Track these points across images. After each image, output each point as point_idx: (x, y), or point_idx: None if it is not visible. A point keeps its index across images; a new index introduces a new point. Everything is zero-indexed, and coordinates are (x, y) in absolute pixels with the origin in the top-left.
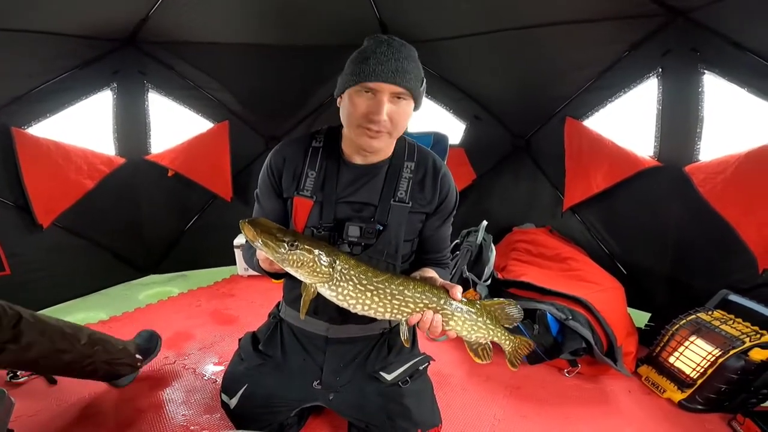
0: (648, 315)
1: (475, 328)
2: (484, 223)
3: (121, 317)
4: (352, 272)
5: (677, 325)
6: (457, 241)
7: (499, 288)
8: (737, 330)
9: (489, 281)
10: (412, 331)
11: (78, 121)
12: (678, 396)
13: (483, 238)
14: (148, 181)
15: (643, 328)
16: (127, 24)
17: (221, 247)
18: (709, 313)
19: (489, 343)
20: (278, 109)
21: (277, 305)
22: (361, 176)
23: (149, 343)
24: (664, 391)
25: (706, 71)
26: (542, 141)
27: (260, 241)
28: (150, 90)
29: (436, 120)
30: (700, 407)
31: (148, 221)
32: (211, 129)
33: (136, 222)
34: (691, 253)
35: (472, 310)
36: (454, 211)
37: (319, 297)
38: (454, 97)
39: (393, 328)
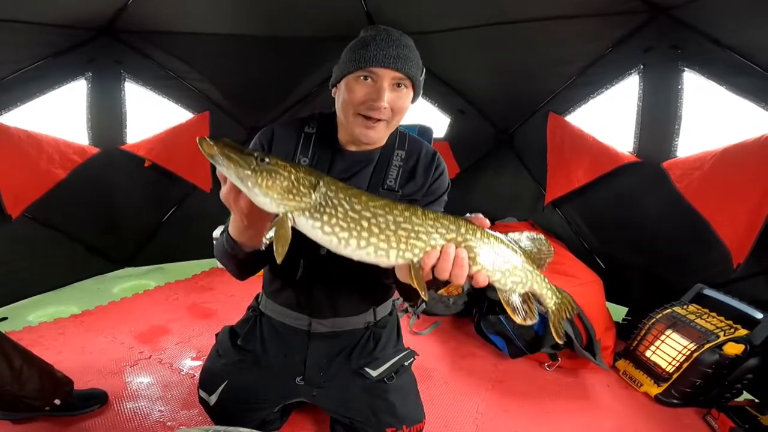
0: (625, 309)
1: (510, 268)
2: (468, 215)
3: (94, 311)
4: (341, 195)
5: (653, 319)
6: None
7: None
8: (712, 324)
9: None
10: (396, 324)
11: (51, 111)
12: (654, 390)
13: None
14: (123, 171)
15: (621, 321)
16: (105, 13)
17: (200, 239)
18: (685, 307)
19: (529, 292)
20: (261, 101)
21: (257, 298)
22: (353, 165)
23: (84, 402)
24: (641, 385)
25: (686, 68)
26: (525, 135)
27: (220, 155)
28: (127, 79)
29: (422, 113)
30: (675, 401)
31: (124, 212)
32: (190, 119)
33: (111, 213)
34: (667, 248)
35: (502, 242)
36: (445, 196)
37: (301, 288)
38: (440, 91)
39: (378, 322)
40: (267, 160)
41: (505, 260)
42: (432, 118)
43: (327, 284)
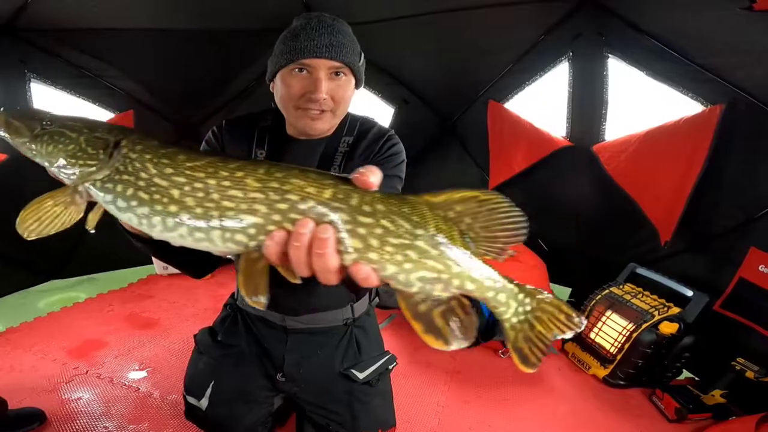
0: (569, 290)
1: (414, 256)
2: None
3: (18, 328)
4: (147, 155)
5: (594, 301)
6: None
7: None
8: (646, 303)
9: None
10: (376, 324)
11: None
12: (602, 372)
13: None
14: (36, 177)
15: None
16: (2, 11)
17: (135, 246)
18: (621, 287)
19: (456, 297)
20: (193, 97)
21: (233, 295)
22: (305, 153)
23: (21, 421)
24: (589, 368)
25: (609, 55)
26: (468, 123)
27: (3, 122)
28: (33, 80)
29: (365, 105)
30: (622, 383)
31: None
32: (111, 119)
33: None
34: (602, 228)
35: (401, 211)
36: (399, 176)
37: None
38: (384, 82)
39: (356, 320)
40: (55, 122)
41: (402, 241)
42: (376, 109)
43: None
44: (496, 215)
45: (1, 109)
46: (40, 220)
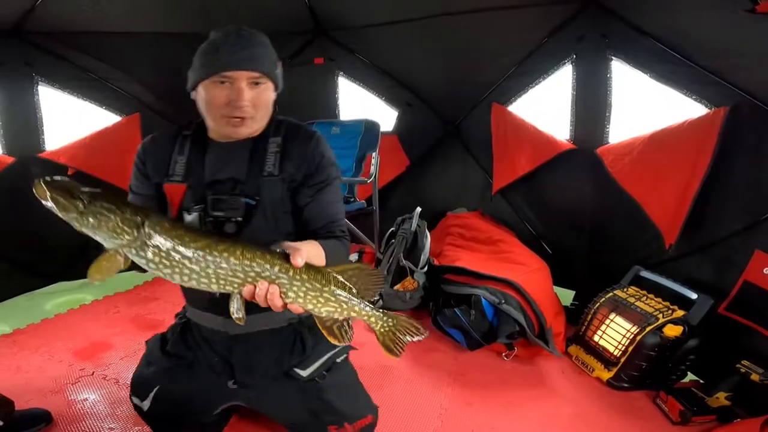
0: (572, 293)
1: (322, 300)
2: (418, 209)
3: (26, 330)
4: (163, 236)
5: (598, 304)
6: (392, 229)
7: (436, 274)
8: (651, 306)
9: (426, 268)
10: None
11: None
12: (605, 375)
13: (417, 225)
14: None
15: (569, 306)
16: (10, 14)
17: None
18: (625, 290)
19: (347, 320)
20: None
21: (185, 307)
22: (226, 154)
23: (28, 422)
24: (593, 370)
25: (613, 57)
26: (471, 126)
27: (50, 199)
28: (40, 82)
29: (369, 107)
30: (625, 385)
31: (49, 224)
32: (118, 122)
33: (34, 226)
34: (605, 231)
35: (315, 277)
36: (334, 179)
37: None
38: (386, 84)
39: (303, 320)
40: (95, 201)
41: (314, 293)
42: (380, 111)
43: None
44: (369, 277)
45: (42, 180)
46: (101, 272)
